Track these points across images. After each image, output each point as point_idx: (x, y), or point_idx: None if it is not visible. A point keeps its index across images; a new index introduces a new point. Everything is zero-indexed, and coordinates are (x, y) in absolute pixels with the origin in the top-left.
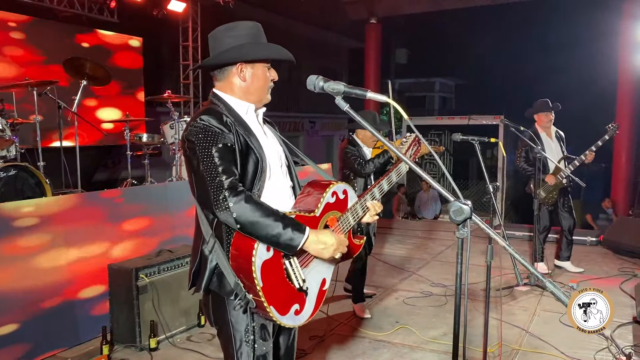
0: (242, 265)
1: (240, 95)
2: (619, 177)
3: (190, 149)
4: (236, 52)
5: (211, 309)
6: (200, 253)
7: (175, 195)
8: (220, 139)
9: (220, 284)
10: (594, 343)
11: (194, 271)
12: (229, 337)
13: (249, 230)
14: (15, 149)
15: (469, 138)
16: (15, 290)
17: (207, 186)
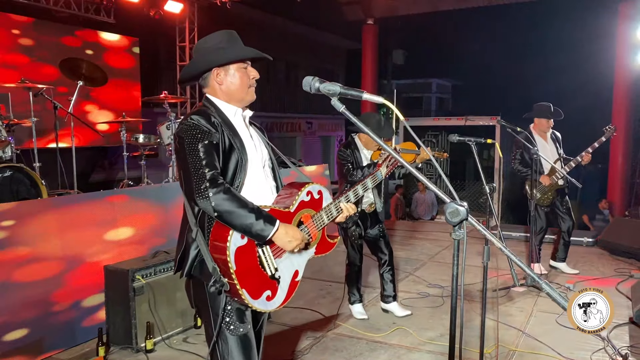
0: (219, 250)
1: (225, 98)
2: (615, 178)
3: (180, 144)
4: (204, 59)
5: (192, 292)
6: (185, 241)
7: (172, 196)
8: (206, 136)
9: (201, 270)
10: (591, 344)
11: (179, 257)
12: (208, 317)
13: (225, 219)
14: (10, 149)
15: (466, 139)
16: (11, 292)
17: (192, 177)
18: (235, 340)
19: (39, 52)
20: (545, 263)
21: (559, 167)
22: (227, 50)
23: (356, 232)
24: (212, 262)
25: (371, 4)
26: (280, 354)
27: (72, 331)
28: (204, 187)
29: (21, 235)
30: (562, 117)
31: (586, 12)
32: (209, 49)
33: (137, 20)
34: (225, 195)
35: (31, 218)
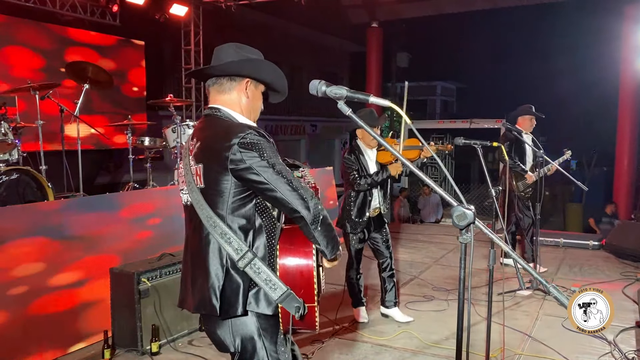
0: (300, 271)
1: (246, 112)
2: (621, 181)
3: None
4: (251, 65)
5: (231, 331)
6: (227, 272)
7: (177, 199)
8: (274, 150)
9: (257, 301)
10: (597, 348)
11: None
12: (257, 353)
13: (323, 229)
14: (17, 152)
15: (471, 142)
16: (17, 293)
17: (294, 188)
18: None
19: (45, 56)
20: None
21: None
22: (274, 71)
23: (357, 237)
24: (284, 287)
25: (376, 7)
26: None
27: (78, 333)
28: (313, 196)
29: (27, 236)
30: (543, 116)
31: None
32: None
33: (142, 24)
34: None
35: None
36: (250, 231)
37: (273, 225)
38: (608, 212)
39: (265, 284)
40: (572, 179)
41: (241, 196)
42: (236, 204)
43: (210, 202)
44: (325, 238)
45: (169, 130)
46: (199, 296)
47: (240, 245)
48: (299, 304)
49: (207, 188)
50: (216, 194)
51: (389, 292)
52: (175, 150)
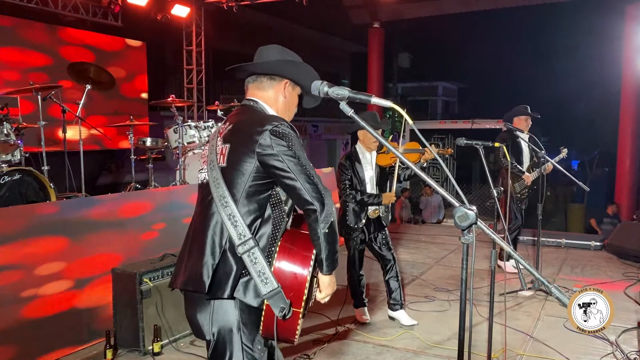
0: (294, 273)
1: (281, 110)
2: (622, 182)
3: (279, 146)
4: (291, 67)
5: (211, 316)
6: (223, 253)
7: (179, 200)
8: (302, 146)
9: (245, 290)
10: (599, 348)
11: (213, 273)
12: (232, 344)
13: (330, 233)
14: (19, 153)
15: (473, 143)
16: (20, 293)
17: (313, 183)
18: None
19: (46, 56)
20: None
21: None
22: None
23: (358, 238)
24: (275, 283)
25: (377, 8)
26: (285, 358)
27: (80, 333)
28: (330, 196)
29: (29, 237)
30: (538, 116)
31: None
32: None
33: (144, 24)
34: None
35: (41, 220)
36: (258, 219)
37: (281, 219)
38: (610, 213)
39: (258, 275)
40: (573, 179)
41: (259, 182)
42: (252, 189)
43: (228, 181)
44: (328, 246)
45: (170, 131)
46: (191, 272)
47: (244, 231)
48: (285, 305)
49: (228, 167)
50: (236, 174)
51: (394, 294)
52: (176, 150)
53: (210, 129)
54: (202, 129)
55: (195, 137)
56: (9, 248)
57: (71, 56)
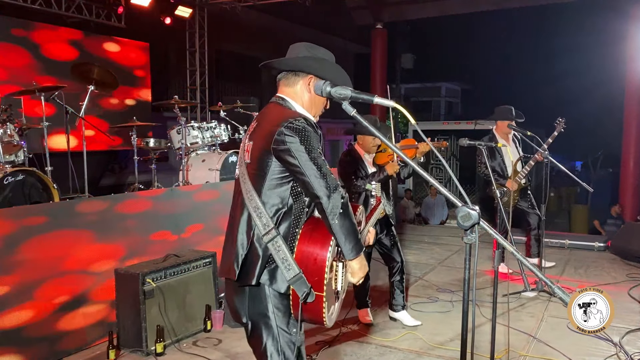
0: (314, 258)
1: (307, 106)
2: (626, 183)
3: (292, 142)
4: (314, 63)
5: (247, 302)
6: (251, 243)
7: (182, 200)
8: (319, 141)
9: (272, 277)
10: (602, 349)
11: (242, 262)
12: (269, 328)
13: (341, 225)
14: (23, 153)
15: (476, 143)
16: (22, 294)
17: (321, 176)
18: (296, 353)
19: (50, 57)
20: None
21: (519, 167)
22: (337, 72)
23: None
24: (297, 269)
25: (380, 9)
26: None
27: (83, 334)
28: (337, 189)
29: (32, 237)
30: (522, 119)
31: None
32: (321, 55)
33: (147, 26)
34: (348, 204)
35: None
36: (280, 211)
37: (302, 210)
38: (613, 214)
39: (281, 262)
40: (577, 180)
41: (279, 176)
42: (273, 183)
43: (251, 176)
44: (343, 234)
45: (173, 132)
46: (226, 261)
47: (268, 221)
48: (307, 289)
49: (252, 163)
50: (258, 169)
51: (397, 296)
52: (180, 151)
53: (213, 129)
54: (205, 129)
55: (198, 137)
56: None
57: (74, 57)
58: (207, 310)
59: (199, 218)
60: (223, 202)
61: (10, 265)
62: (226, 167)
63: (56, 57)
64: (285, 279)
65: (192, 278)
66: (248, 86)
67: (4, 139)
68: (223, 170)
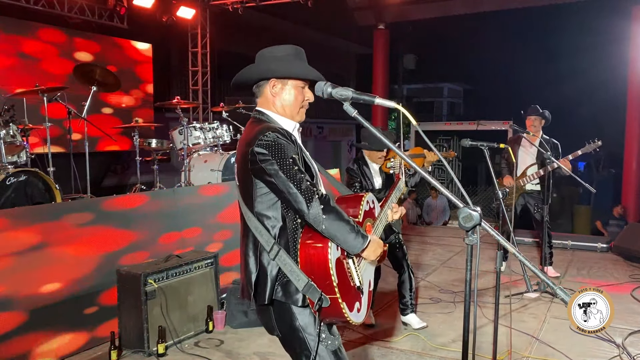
0: (318, 264)
1: (281, 111)
2: (629, 183)
3: (263, 161)
4: (266, 66)
5: (274, 318)
6: (259, 264)
7: (184, 201)
8: (291, 151)
9: (286, 292)
10: (605, 351)
11: (254, 283)
12: (300, 340)
13: (330, 229)
14: (25, 154)
15: (478, 144)
16: (23, 295)
17: (296, 189)
18: (333, 356)
19: (52, 58)
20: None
21: (531, 172)
22: (290, 64)
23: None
24: (305, 279)
25: (382, 9)
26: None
27: (84, 334)
28: (315, 198)
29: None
30: (544, 115)
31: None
32: (272, 57)
33: (149, 26)
34: (331, 206)
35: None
36: (276, 226)
37: (295, 221)
38: (616, 215)
39: (290, 274)
40: (580, 181)
41: (265, 193)
42: (263, 201)
43: (244, 198)
44: (336, 235)
45: (175, 132)
46: (242, 283)
47: (269, 239)
48: (319, 294)
49: (240, 185)
50: (246, 191)
51: (406, 300)
52: (182, 152)
53: (215, 130)
54: (207, 130)
55: (200, 138)
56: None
57: (77, 58)
58: (208, 311)
59: (201, 218)
60: (223, 202)
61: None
62: (228, 168)
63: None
64: (298, 291)
65: (194, 279)
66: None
67: (7, 139)
68: (225, 171)
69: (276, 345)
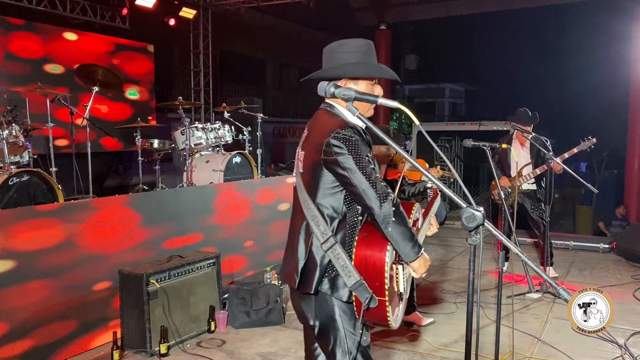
0: (373, 264)
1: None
2: (631, 184)
3: (339, 154)
4: (340, 69)
5: (314, 307)
6: (309, 252)
7: (186, 201)
8: (366, 149)
9: (333, 286)
10: (608, 351)
11: (301, 270)
12: (338, 334)
13: (394, 232)
14: (28, 154)
15: (480, 144)
16: (26, 295)
17: (371, 187)
18: (364, 353)
19: (55, 58)
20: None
21: (526, 172)
22: (362, 65)
23: None
24: (357, 276)
25: (384, 10)
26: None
27: (87, 335)
28: (387, 199)
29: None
30: (537, 121)
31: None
32: (344, 56)
33: (151, 27)
34: (400, 210)
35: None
36: (335, 219)
37: (356, 218)
38: (618, 215)
39: (342, 269)
40: (582, 181)
41: (332, 186)
42: (327, 192)
43: (306, 186)
44: (398, 240)
45: (177, 133)
46: (287, 269)
47: (326, 229)
48: (369, 295)
49: (304, 173)
50: (311, 179)
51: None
52: (184, 152)
53: (217, 130)
54: (209, 130)
55: (202, 138)
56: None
57: (79, 58)
58: (211, 311)
59: (202, 218)
60: (225, 202)
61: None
62: (230, 168)
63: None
64: (346, 287)
65: (196, 279)
66: (252, 87)
67: (9, 139)
68: (227, 171)
69: (278, 346)
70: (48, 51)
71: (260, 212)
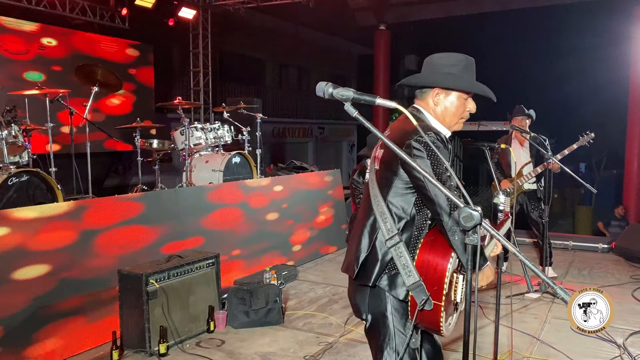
0: (434, 269)
1: (439, 117)
2: (630, 184)
3: (418, 157)
4: (432, 76)
5: (367, 300)
6: (372, 246)
7: (186, 201)
8: (445, 157)
9: (391, 283)
10: (606, 351)
11: (362, 262)
12: (386, 331)
13: (460, 241)
14: (27, 154)
15: (479, 144)
16: (25, 295)
17: (443, 194)
18: (412, 355)
19: (54, 59)
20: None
21: (526, 171)
22: (456, 77)
23: None
24: (417, 277)
25: (384, 10)
26: (293, 359)
27: (86, 334)
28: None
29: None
30: (531, 116)
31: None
32: (440, 66)
33: (151, 27)
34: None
35: (49, 220)
36: (403, 219)
37: (424, 221)
38: (617, 215)
39: (402, 268)
40: (581, 181)
41: (405, 186)
42: (399, 192)
43: (379, 183)
44: (461, 249)
45: (177, 133)
46: (348, 259)
47: (392, 227)
48: (426, 297)
49: (380, 171)
50: (386, 177)
51: None
52: (183, 152)
53: (217, 130)
54: (209, 130)
55: (201, 139)
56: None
57: (78, 58)
58: (210, 311)
59: (203, 218)
60: (225, 202)
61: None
62: (229, 168)
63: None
64: (404, 285)
65: (195, 279)
66: (251, 87)
67: (9, 140)
68: (226, 171)
69: (277, 346)
70: (48, 51)
71: (260, 212)
